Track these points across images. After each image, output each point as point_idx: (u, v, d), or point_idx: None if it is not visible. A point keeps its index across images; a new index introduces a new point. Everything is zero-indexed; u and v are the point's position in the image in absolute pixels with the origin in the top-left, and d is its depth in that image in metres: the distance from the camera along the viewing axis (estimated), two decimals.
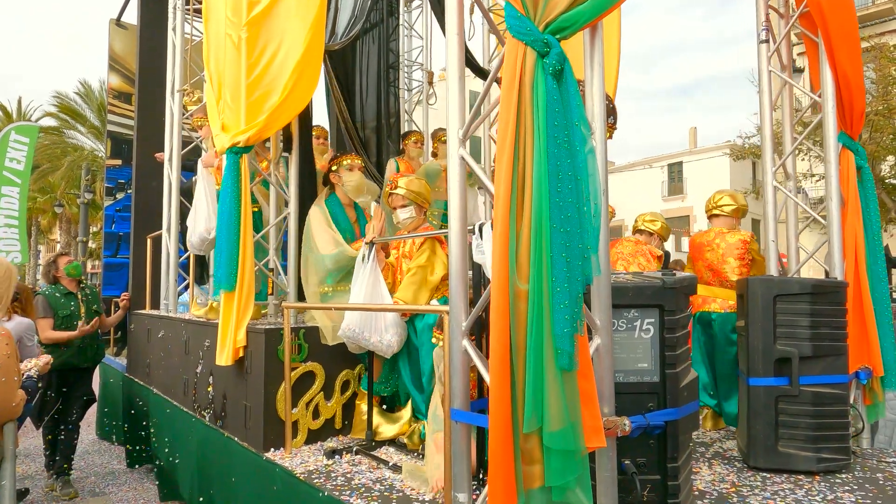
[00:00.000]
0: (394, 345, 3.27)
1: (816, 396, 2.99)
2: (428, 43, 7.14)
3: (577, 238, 1.71)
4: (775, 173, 3.72)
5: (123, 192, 8.36)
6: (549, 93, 1.74)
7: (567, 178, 1.72)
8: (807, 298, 3.01)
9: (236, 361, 3.61)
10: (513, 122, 1.75)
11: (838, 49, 3.35)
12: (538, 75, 1.76)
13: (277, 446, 3.41)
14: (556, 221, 1.69)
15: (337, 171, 4.03)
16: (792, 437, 3.00)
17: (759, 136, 16.63)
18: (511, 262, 1.71)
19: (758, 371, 3.04)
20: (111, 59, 8.43)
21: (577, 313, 1.68)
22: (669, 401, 2.11)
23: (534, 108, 1.74)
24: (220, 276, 3.73)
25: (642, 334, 2.13)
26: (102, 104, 21.42)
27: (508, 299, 1.71)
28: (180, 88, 5.18)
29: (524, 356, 1.71)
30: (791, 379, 3.00)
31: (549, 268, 1.67)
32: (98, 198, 19.83)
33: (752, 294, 3.06)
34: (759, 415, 3.03)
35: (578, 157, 1.75)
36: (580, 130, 1.76)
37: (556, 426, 1.67)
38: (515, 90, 1.75)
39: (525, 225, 1.71)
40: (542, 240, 1.67)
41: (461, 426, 2.05)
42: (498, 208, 1.76)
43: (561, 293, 1.66)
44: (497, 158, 1.79)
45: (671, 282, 2.13)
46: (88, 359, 5.37)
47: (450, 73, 2.10)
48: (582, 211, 1.73)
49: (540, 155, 1.70)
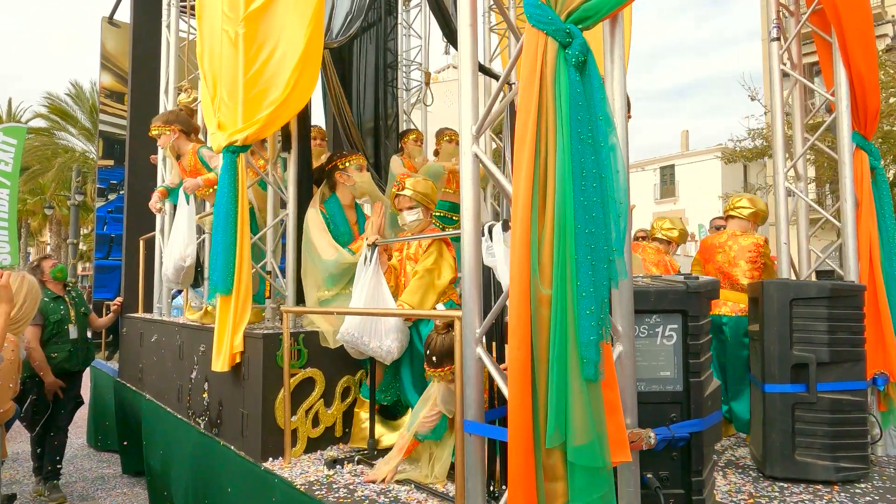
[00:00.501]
0: (394, 351, 3.16)
1: (834, 403, 2.90)
2: (426, 43, 7.05)
3: (602, 239, 1.61)
4: (787, 174, 3.63)
5: (116, 193, 8.20)
6: (572, 85, 1.64)
7: (591, 176, 1.62)
8: (824, 302, 2.92)
9: (233, 367, 3.49)
10: (533, 117, 1.65)
11: (853, 47, 3.27)
12: (560, 67, 1.66)
13: (276, 455, 3.28)
14: (580, 222, 1.58)
15: (344, 170, 3.90)
16: (809, 445, 2.91)
17: (748, 139, 16.65)
18: (533, 265, 1.61)
19: (774, 377, 2.95)
20: (103, 58, 8.29)
21: (604, 320, 1.58)
22: (693, 411, 2.01)
23: (556, 101, 1.64)
24: (215, 280, 3.60)
25: (664, 341, 2.03)
26: (94, 105, 21.21)
27: (529, 305, 1.61)
28: (178, 85, 5.05)
29: (546, 366, 1.61)
30: (808, 385, 2.91)
31: (573, 271, 1.56)
32: (89, 200, 19.63)
33: (768, 298, 2.97)
34: (775, 422, 2.93)
35: (602, 153, 1.65)
36: (604, 125, 1.66)
37: (582, 440, 1.57)
38: (536, 83, 1.65)
39: (548, 226, 1.60)
40: (566, 242, 1.57)
41: (475, 439, 1.94)
42: (517, 209, 1.66)
43: (586, 298, 1.55)
44: (516, 156, 1.69)
45: (695, 286, 2.03)
46: (79, 362, 5.27)
47: (462, 66, 2.00)
48: (607, 210, 1.63)
49: (563, 151, 1.60)
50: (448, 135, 5.37)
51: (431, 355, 2.66)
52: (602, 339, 1.57)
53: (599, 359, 1.57)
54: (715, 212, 21.91)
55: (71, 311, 5.23)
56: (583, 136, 1.63)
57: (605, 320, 1.58)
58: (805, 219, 3.71)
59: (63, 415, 5.19)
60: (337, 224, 3.80)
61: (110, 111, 8.21)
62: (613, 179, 1.65)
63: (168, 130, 4.57)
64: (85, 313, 5.42)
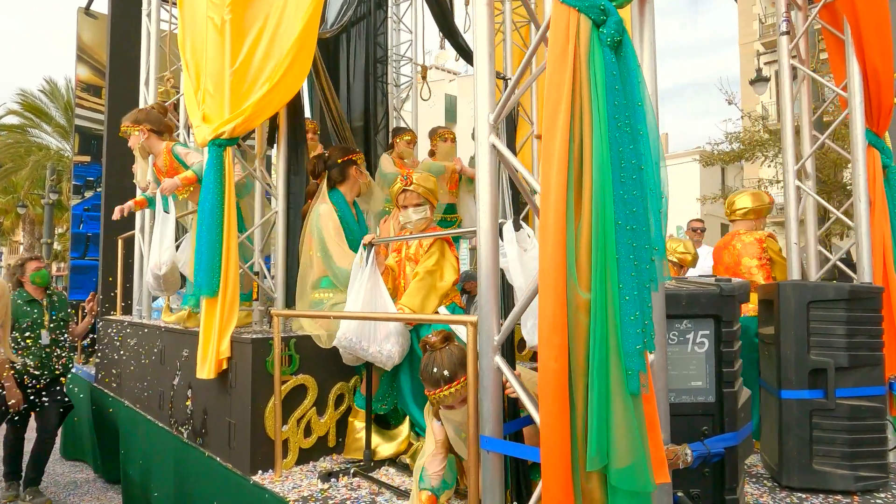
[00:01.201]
0: (395, 356, 2.98)
1: (853, 410, 2.79)
2: (417, 37, 6.87)
3: (644, 237, 1.45)
4: (798, 171, 3.52)
5: (92, 190, 7.89)
6: (608, 67, 1.49)
7: (631, 167, 1.46)
8: (842, 305, 2.81)
9: (219, 374, 3.29)
10: (566, 103, 1.49)
11: (868, 41, 3.17)
12: (594, 47, 1.50)
13: (266, 468, 3.09)
14: (621, 217, 1.43)
15: (360, 167, 3.71)
16: (827, 454, 2.79)
17: (726, 143, 16.76)
18: (570, 266, 1.44)
19: (791, 383, 2.82)
20: (79, 50, 7.97)
21: (649, 326, 1.42)
22: (727, 424, 1.87)
23: (591, 86, 1.48)
24: (200, 281, 3.40)
25: (696, 348, 1.89)
26: (69, 102, 20.66)
27: (566, 311, 1.44)
28: (160, 75, 4.81)
29: (583, 379, 1.44)
30: (827, 391, 2.79)
31: (614, 273, 1.40)
32: (64, 198, 19.10)
33: (784, 300, 2.85)
34: (792, 430, 2.81)
35: (641, 141, 1.50)
36: (643, 111, 1.51)
37: (625, 462, 1.41)
38: (569, 65, 1.49)
39: (584, 223, 1.44)
40: (606, 240, 1.41)
41: (493, 456, 1.78)
42: (548, 204, 1.49)
43: (630, 303, 1.39)
44: (545, 146, 1.53)
45: (728, 288, 1.89)
46: (51, 368, 5.02)
47: (479, 50, 1.84)
48: (647, 205, 1.48)
49: (601, 140, 1.44)
50: (443, 133, 5.19)
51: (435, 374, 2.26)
52: (648, 348, 1.42)
53: (645, 370, 1.42)
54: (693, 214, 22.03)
55: (45, 316, 5.01)
56: (620, 122, 1.47)
57: (649, 327, 1.43)
58: (814, 218, 3.60)
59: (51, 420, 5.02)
60: (347, 222, 3.60)
61: (87, 105, 7.90)
62: (653, 170, 1.50)
63: (137, 130, 4.28)
64: (64, 319, 5.21)
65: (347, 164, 3.75)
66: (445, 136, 5.15)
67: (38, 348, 4.92)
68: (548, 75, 1.56)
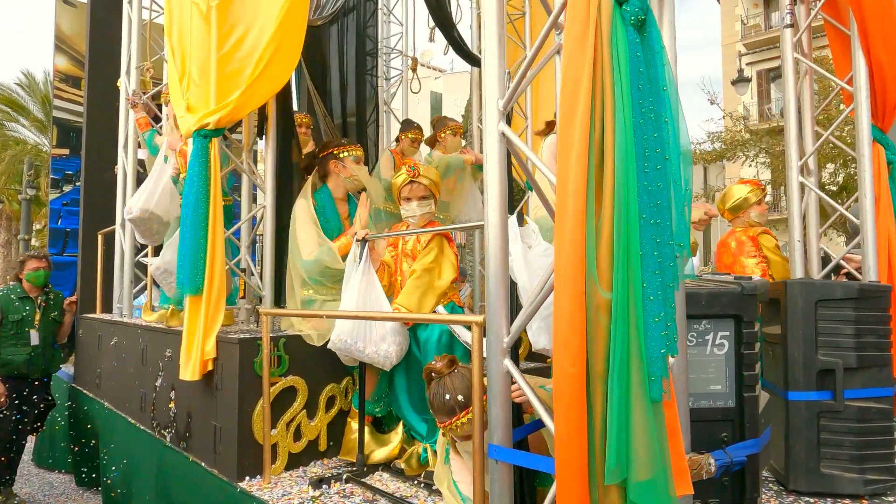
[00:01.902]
0: (392, 356, 2.86)
1: (861, 412, 2.72)
2: (407, 29, 6.73)
3: (667, 232, 1.35)
4: (801, 167, 3.45)
5: (71, 184, 7.65)
6: (631, 48, 1.38)
7: (655, 157, 1.36)
8: (851, 304, 2.73)
9: (204, 375, 3.14)
10: (586, 87, 1.37)
11: (874, 35, 3.10)
12: (616, 26, 1.39)
13: (253, 474, 2.95)
14: (645, 211, 1.32)
15: (342, 160, 3.55)
16: (835, 456, 2.72)
17: (707, 142, 16.87)
18: (590, 263, 1.33)
19: (798, 384, 2.74)
20: (58, 40, 7.72)
21: (672, 329, 1.32)
22: (748, 430, 1.77)
23: (613, 68, 1.37)
24: (182, 278, 3.25)
25: (715, 350, 1.79)
26: (47, 96, 20.19)
27: (585, 312, 1.33)
28: (139, 65, 4.63)
29: (602, 385, 1.34)
30: (835, 393, 2.71)
31: (638, 271, 1.30)
32: (42, 194, 18.66)
33: (791, 299, 2.77)
34: (800, 433, 2.73)
35: (665, 129, 1.39)
36: (667, 97, 1.40)
37: (645, 475, 1.30)
38: (589, 46, 1.38)
39: (606, 217, 1.33)
40: (629, 235, 1.30)
41: (502, 466, 1.66)
42: (566, 195, 1.38)
43: (654, 303, 1.29)
44: (562, 133, 1.41)
45: (750, 287, 1.80)
46: (38, 370, 4.97)
47: (487, 31, 1.72)
48: (671, 198, 1.37)
49: (625, 127, 1.33)
50: (454, 127, 4.94)
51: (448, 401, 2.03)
52: (672, 352, 1.31)
53: (667, 375, 1.31)
54: None
55: (36, 315, 4.94)
56: (644, 108, 1.36)
57: (672, 329, 1.32)
58: (816, 215, 3.53)
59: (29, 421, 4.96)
60: (327, 217, 3.46)
61: (66, 97, 7.65)
62: (678, 161, 1.39)
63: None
64: (55, 320, 5.14)
65: (327, 158, 3.61)
66: (456, 129, 4.92)
67: (28, 347, 4.85)
68: (565, 58, 1.45)
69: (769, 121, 21.36)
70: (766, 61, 24.34)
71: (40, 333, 4.94)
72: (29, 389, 4.90)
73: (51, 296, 5.14)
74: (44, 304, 5.01)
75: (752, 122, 19.58)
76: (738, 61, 20.60)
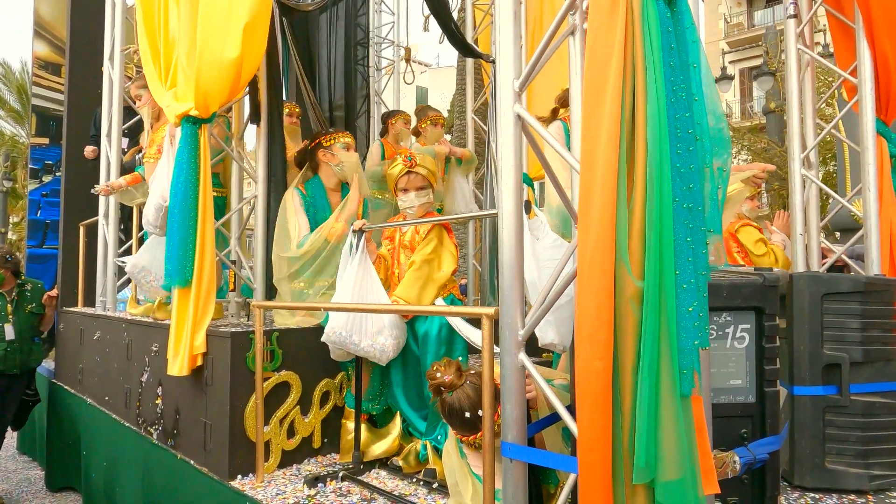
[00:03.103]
0: (389, 349, 2.77)
1: (867, 406, 2.68)
2: (399, 19, 6.61)
3: (699, 217, 1.28)
4: (803, 160, 3.41)
5: (51, 174, 7.43)
6: (663, 23, 1.30)
7: (686, 138, 1.28)
8: (857, 297, 2.70)
9: (193, 371, 3.03)
10: (617, 63, 1.29)
11: (878, 28, 3.06)
12: (647, 0, 1.31)
13: (246, 472, 2.85)
14: (678, 194, 1.25)
15: (329, 148, 3.44)
16: (840, 452, 2.68)
17: None
18: (621, 249, 1.25)
19: (804, 379, 2.70)
20: (37, 25, 7.48)
21: (705, 319, 1.25)
22: (769, 426, 1.71)
23: (645, 43, 1.29)
24: (171, 269, 3.13)
25: (735, 343, 1.73)
26: (23, 86, 19.73)
27: (613, 301, 1.25)
28: (125, 48, 4.47)
29: (630, 380, 1.26)
30: (840, 387, 2.68)
31: (670, 258, 1.22)
32: (19, 186, 18.25)
33: (798, 292, 2.72)
34: (805, 428, 2.69)
35: (695, 108, 1.32)
36: (698, 74, 1.33)
37: (674, 474, 1.23)
38: (620, 20, 1.30)
39: (638, 200, 1.25)
40: (662, 220, 1.23)
41: (517, 465, 1.58)
42: (594, 180, 1.30)
43: (688, 292, 1.22)
44: (588, 115, 1.33)
45: (772, 278, 1.74)
46: (15, 364, 4.74)
47: (502, 8, 1.63)
48: (703, 181, 1.30)
49: (658, 105, 1.25)
50: (434, 117, 4.92)
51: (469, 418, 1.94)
52: (702, 344, 1.24)
53: (699, 369, 1.24)
54: None
55: (9, 309, 4.74)
56: (676, 87, 1.29)
57: (705, 319, 1.25)
58: (816, 208, 3.50)
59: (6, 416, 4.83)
60: (318, 208, 3.36)
61: (45, 84, 7.41)
62: (709, 142, 1.32)
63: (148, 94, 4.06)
64: (34, 312, 4.92)
65: (316, 148, 3.51)
66: (437, 120, 4.91)
67: (2, 342, 4.65)
68: (591, 35, 1.37)
69: (751, 118, 21.57)
70: (748, 59, 24.58)
71: (15, 327, 4.73)
72: (7, 384, 4.72)
73: (27, 286, 4.95)
74: (17, 296, 4.82)
75: (734, 120, 19.70)
76: (721, 59, 20.77)
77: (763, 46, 15.01)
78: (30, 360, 4.90)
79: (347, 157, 3.37)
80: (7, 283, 4.77)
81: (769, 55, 13.97)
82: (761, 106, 17.36)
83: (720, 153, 1.32)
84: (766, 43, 14.87)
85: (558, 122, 3.21)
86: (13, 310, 4.77)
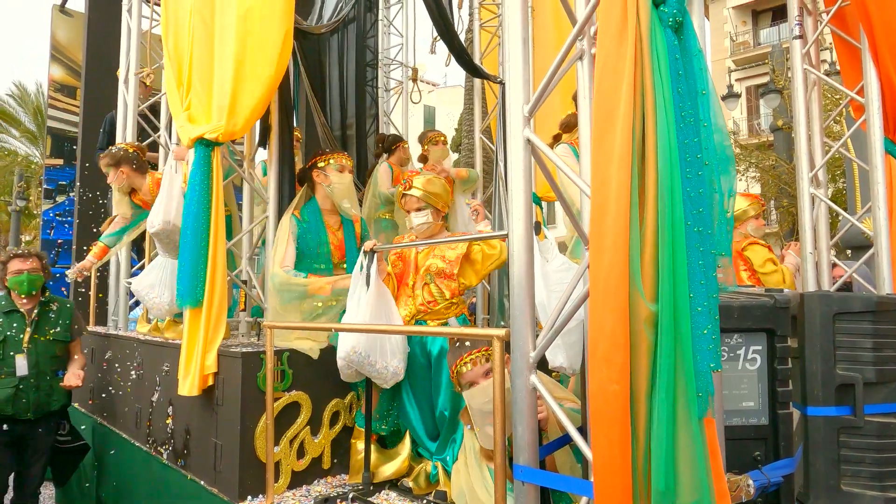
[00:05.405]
0: (400, 373, 2.79)
1: (882, 427, 2.65)
2: (407, 41, 6.71)
3: (710, 240, 1.29)
4: (812, 179, 3.42)
5: (64, 195, 7.54)
6: (670, 51, 1.33)
7: (696, 163, 1.30)
8: (869, 317, 2.68)
9: (203, 391, 3.04)
10: (627, 89, 1.32)
11: (882, 48, 3.09)
12: (655, 28, 1.34)
13: (256, 493, 2.85)
14: (689, 218, 1.26)
15: (323, 169, 3.48)
16: (855, 473, 2.64)
17: None
18: (634, 273, 1.26)
19: (817, 399, 2.67)
20: (53, 49, 7.65)
21: (717, 341, 1.25)
22: (783, 448, 1.71)
23: (654, 70, 1.31)
24: (182, 290, 3.16)
25: (747, 365, 1.73)
26: (39, 107, 20.10)
27: (628, 325, 1.26)
28: (139, 71, 4.56)
29: (644, 404, 1.27)
30: (855, 408, 2.65)
31: (684, 281, 1.23)
32: (32, 205, 18.51)
33: (809, 312, 2.70)
34: (819, 449, 2.65)
35: (704, 133, 1.34)
36: (707, 101, 1.35)
37: (691, 497, 1.23)
38: (629, 46, 1.33)
39: (649, 224, 1.27)
40: (675, 243, 1.24)
41: (528, 488, 1.58)
42: (606, 204, 1.32)
43: (702, 315, 1.23)
44: (599, 138, 1.36)
45: (783, 300, 1.74)
46: (28, 409, 3.67)
47: (511, 34, 1.66)
48: (713, 204, 1.31)
49: (668, 131, 1.27)
50: (433, 137, 5.01)
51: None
52: (719, 367, 1.25)
53: (714, 392, 1.25)
54: None
55: (25, 334, 3.69)
56: (685, 112, 1.31)
57: (717, 342, 1.26)
58: (826, 226, 3.49)
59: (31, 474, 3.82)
60: (314, 232, 3.39)
61: (60, 106, 7.56)
62: (717, 166, 1.34)
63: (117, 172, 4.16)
64: (57, 339, 3.84)
65: (311, 168, 3.55)
66: (437, 139, 5.00)
67: (13, 377, 3.61)
68: (600, 61, 1.39)
69: (758, 136, 21.59)
70: (754, 77, 24.66)
71: (30, 359, 3.67)
72: (21, 432, 3.70)
73: (52, 305, 3.90)
74: (38, 317, 3.77)
75: (741, 137, 19.72)
76: (728, 77, 20.88)
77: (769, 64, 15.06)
78: (50, 401, 3.77)
79: (339, 179, 3.41)
80: (27, 301, 3.78)
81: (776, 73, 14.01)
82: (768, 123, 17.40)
83: (725, 169, 1.34)
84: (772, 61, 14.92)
85: (565, 145, 3.24)
86: (31, 335, 3.73)
